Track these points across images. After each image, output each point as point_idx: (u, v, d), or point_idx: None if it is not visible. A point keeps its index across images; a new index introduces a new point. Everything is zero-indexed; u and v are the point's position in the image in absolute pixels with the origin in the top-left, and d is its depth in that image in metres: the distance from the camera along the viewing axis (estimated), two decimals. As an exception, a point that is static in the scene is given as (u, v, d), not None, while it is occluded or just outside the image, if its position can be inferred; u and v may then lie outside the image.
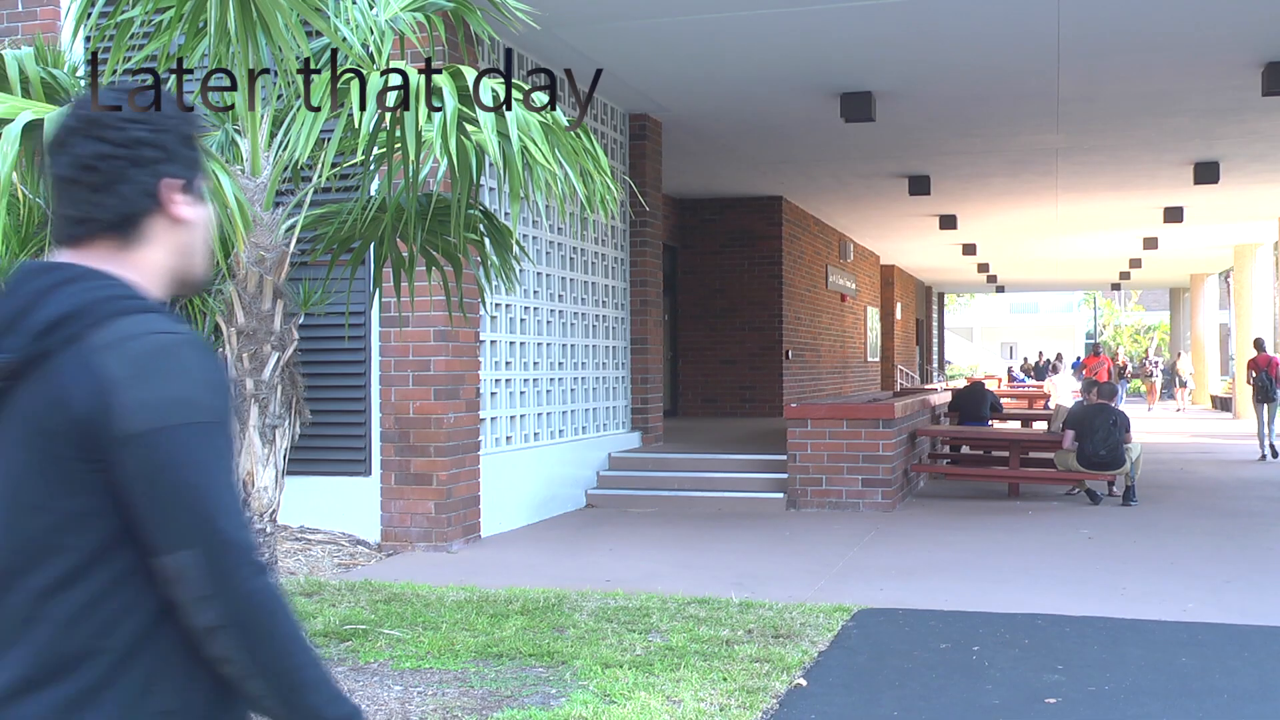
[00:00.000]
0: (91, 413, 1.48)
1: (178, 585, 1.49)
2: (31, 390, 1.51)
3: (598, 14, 9.42)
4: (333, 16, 4.86)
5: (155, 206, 1.62)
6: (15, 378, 1.51)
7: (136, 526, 1.50)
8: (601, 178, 4.55)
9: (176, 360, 1.53)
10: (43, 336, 1.51)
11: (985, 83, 11.60)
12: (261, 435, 4.79)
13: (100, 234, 1.61)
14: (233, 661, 1.51)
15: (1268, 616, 6.48)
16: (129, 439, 1.48)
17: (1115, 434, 11.32)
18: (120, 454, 1.48)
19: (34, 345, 1.51)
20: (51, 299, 1.53)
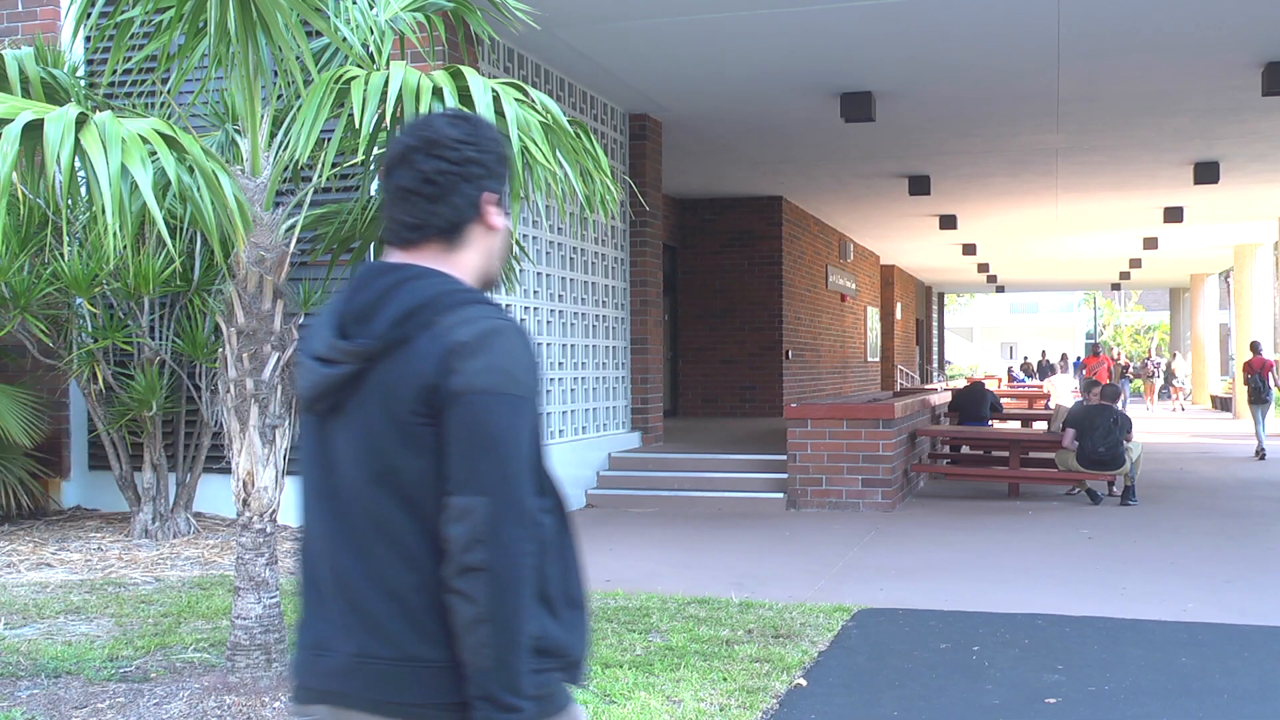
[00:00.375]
0: (436, 377, 1.75)
1: (458, 523, 1.72)
2: (391, 368, 1.78)
3: (598, 14, 9.42)
4: (333, 16, 4.86)
5: (476, 216, 1.91)
6: (374, 359, 1.79)
7: (444, 467, 1.75)
8: (601, 178, 4.56)
9: (506, 341, 1.79)
10: (401, 324, 1.79)
11: (985, 83, 11.60)
12: (261, 435, 4.79)
13: (432, 238, 1.89)
14: (475, 603, 1.70)
15: (1268, 616, 6.48)
16: (458, 396, 1.74)
17: (1116, 433, 11.33)
18: (449, 407, 1.74)
19: (393, 331, 1.79)
20: (403, 292, 1.82)
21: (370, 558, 1.79)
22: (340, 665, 1.80)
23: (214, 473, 9.01)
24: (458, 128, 1.90)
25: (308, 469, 1.90)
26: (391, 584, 1.77)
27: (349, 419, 1.83)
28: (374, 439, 1.79)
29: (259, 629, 4.75)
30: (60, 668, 5.23)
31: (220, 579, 7.31)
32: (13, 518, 9.02)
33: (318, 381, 1.85)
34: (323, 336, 1.86)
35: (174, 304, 8.58)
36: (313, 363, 1.87)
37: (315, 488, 1.88)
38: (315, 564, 1.88)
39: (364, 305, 1.84)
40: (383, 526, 1.78)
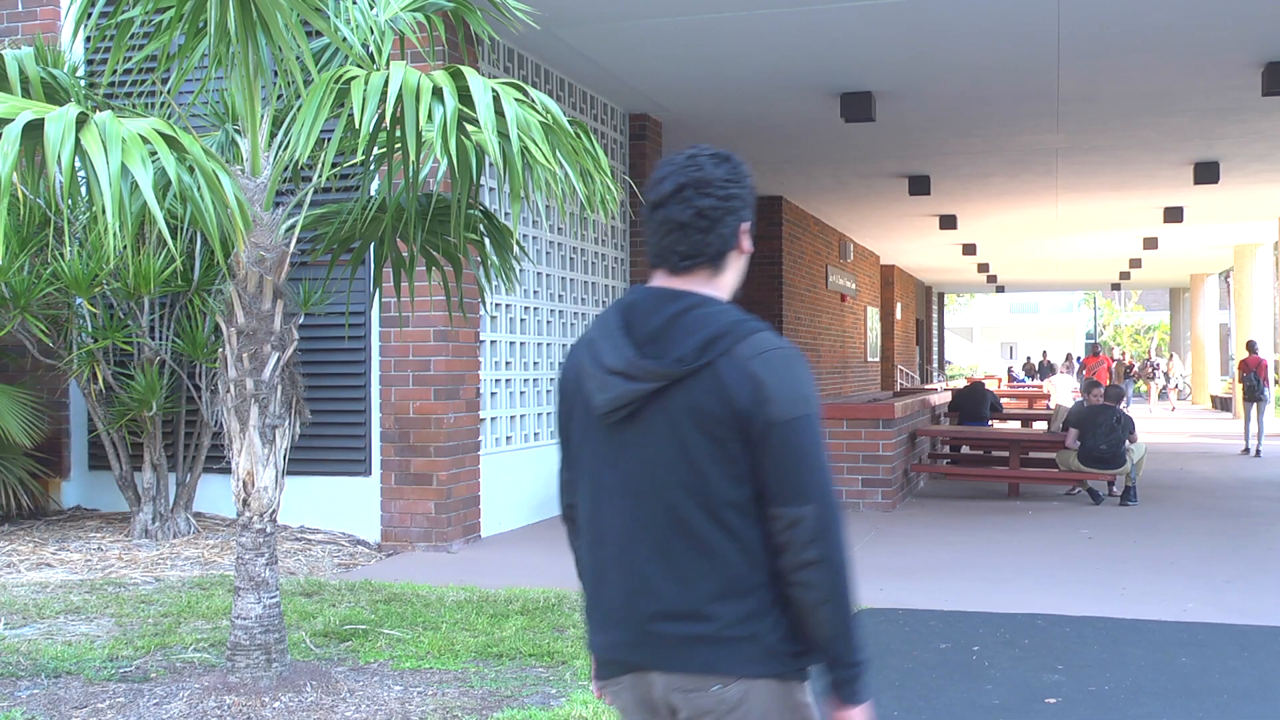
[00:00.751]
0: (750, 405, 2.04)
1: (791, 529, 2.04)
2: (697, 389, 2.06)
3: (598, 14, 9.42)
4: (333, 16, 4.86)
5: (735, 243, 2.19)
6: (679, 380, 2.07)
7: (764, 485, 2.06)
8: (601, 178, 4.56)
9: (796, 368, 2.09)
10: (705, 350, 2.05)
11: (985, 83, 11.60)
12: (261, 435, 4.79)
13: (703, 265, 2.16)
14: (817, 589, 2.06)
15: (1268, 616, 6.48)
16: (776, 424, 2.03)
17: (1118, 431, 11.33)
18: (768, 434, 2.03)
19: (699, 357, 2.06)
20: (694, 320, 2.10)
21: (666, 550, 2.09)
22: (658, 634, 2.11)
23: (214, 473, 9.01)
24: (721, 167, 2.21)
25: (596, 468, 2.18)
26: (683, 573, 2.08)
27: (646, 428, 2.11)
28: (686, 450, 2.07)
29: (259, 629, 4.75)
30: (60, 668, 5.23)
31: (220, 579, 7.31)
32: (13, 518, 9.02)
33: (620, 394, 2.11)
34: (617, 352, 2.12)
35: (174, 304, 8.58)
36: (610, 377, 2.12)
37: (607, 485, 2.16)
38: (604, 550, 2.18)
39: (656, 329, 2.12)
40: (683, 524, 2.08)
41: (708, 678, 2.08)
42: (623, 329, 2.15)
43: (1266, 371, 17.62)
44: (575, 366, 2.23)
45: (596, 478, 2.18)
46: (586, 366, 2.18)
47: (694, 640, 2.08)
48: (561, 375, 2.28)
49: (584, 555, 2.28)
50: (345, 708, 4.65)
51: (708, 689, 2.08)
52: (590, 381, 2.17)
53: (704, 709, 2.09)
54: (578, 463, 2.25)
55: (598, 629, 2.23)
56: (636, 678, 2.15)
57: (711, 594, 2.07)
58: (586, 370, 2.18)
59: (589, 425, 2.19)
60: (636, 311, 2.15)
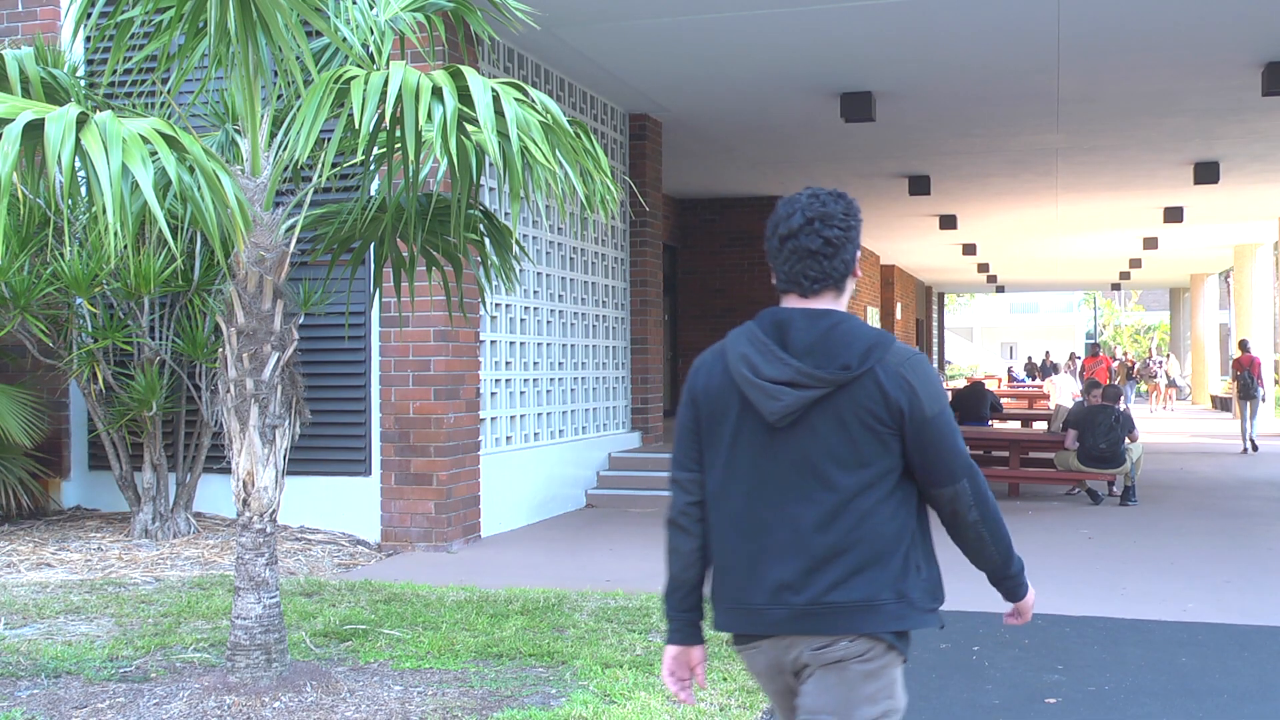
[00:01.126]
0: (904, 404, 2.44)
1: (954, 502, 2.53)
2: (860, 392, 2.44)
3: (598, 14, 9.42)
4: (333, 16, 4.86)
5: (853, 268, 2.57)
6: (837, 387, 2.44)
7: (921, 470, 2.50)
8: (601, 178, 4.55)
9: (931, 370, 2.53)
10: (864, 359, 2.44)
11: (985, 83, 11.60)
12: (261, 435, 4.79)
13: (829, 288, 2.54)
14: (984, 539, 2.57)
15: (1268, 616, 6.48)
16: (928, 419, 2.46)
17: (1117, 431, 11.33)
18: (922, 427, 2.46)
19: (861, 365, 2.44)
20: (844, 334, 2.48)
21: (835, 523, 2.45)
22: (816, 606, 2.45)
23: (214, 473, 9.01)
24: (840, 204, 2.56)
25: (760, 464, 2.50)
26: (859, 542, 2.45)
27: (811, 426, 2.46)
28: (852, 442, 2.45)
29: (259, 629, 4.75)
30: (60, 668, 5.23)
31: (220, 579, 7.31)
32: (13, 518, 9.02)
33: (792, 402, 2.45)
34: (780, 365, 2.46)
35: (174, 304, 8.58)
36: (778, 387, 2.45)
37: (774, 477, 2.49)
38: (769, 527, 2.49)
39: (812, 342, 2.47)
40: (844, 499, 2.45)
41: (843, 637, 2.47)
42: (778, 344, 2.49)
43: (1260, 369, 18.09)
44: (720, 378, 2.56)
45: (760, 472, 2.51)
46: (746, 378, 2.50)
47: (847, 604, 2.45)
48: (700, 385, 2.60)
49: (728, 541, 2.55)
50: (345, 708, 4.65)
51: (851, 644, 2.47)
52: (754, 392, 2.48)
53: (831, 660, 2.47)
54: (729, 462, 2.55)
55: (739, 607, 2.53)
56: (775, 643, 2.51)
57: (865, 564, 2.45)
58: (747, 381, 2.49)
59: (745, 428, 2.52)
60: (789, 329, 2.50)
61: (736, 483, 2.53)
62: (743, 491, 2.52)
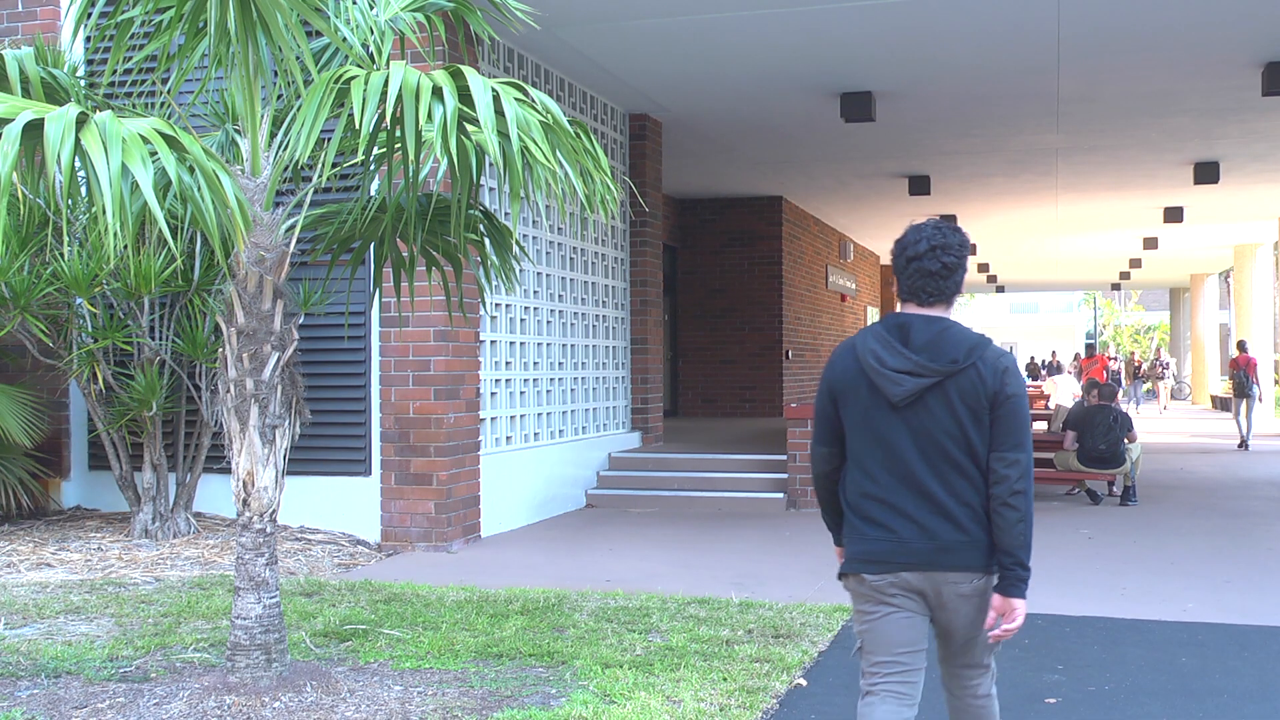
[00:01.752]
0: (996, 388, 3.13)
1: (1011, 467, 3.11)
2: (965, 381, 3.13)
3: (598, 14, 9.42)
4: (333, 16, 4.86)
5: (960, 288, 3.26)
6: (952, 375, 3.13)
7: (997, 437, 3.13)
8: (601, 178, 4.55)
9: (1015, 363, 3.20)
10: (969, 355, 3.14)
11: (985, 83, 11.60)
12: (261, 435, 4.79)
13: (942, 301, 3.24)
14: (1019, 510, 3.09)
15: (1268, 616, 6.48)
16: (1010, 396, 3.14)
17: (1116, 431, 11.32)
18: (1006, 402, 3.13)
19: (967, 359, 3.14)
20: (953, 336, 3.18)
21: (949, 483, 3.14)
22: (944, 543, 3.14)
23: (214, 473, 9.01)
24: (956, 236, 3.26)
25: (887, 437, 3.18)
26: (964, 498, 3.14)
27: (925, 407, 3.15)
28: (958, 420, 3.14)
29: (259, 629, 4.75)
30: (60, 668, 5.23)
31: (220, 579, 7.31)
32: (13, 518, 9.03)
33: (912, 387, 3.14)
34: (902, 358, 3.16)
35: (174, 304, 8.58)
36: (901, 375, 3.15)
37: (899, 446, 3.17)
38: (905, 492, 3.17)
39: (928, 341, 3.17)
40: (956, 466, 3.14)
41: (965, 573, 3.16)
42: (900, 342, 3.19)
43: (1256, 369, 18.76)
44: (852, 368, 3.25)
45: (887, 443, 3.20)
46: (873, 368, 3.19)
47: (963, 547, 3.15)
48: (835, 375, 3.29)
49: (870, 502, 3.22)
50: (345, 708, 4.65)
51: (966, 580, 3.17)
52: (881, 379, 3.18)
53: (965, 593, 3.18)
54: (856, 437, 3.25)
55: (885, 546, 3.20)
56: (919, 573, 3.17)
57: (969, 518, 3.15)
58: (874, 370, 3.19)
59: (873, 408, 3.21)
60: (910, 330, 3.19)
61: (872, 449, 3.23)
62: (878, 456, 3.22)
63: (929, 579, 3.18)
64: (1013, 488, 3.09)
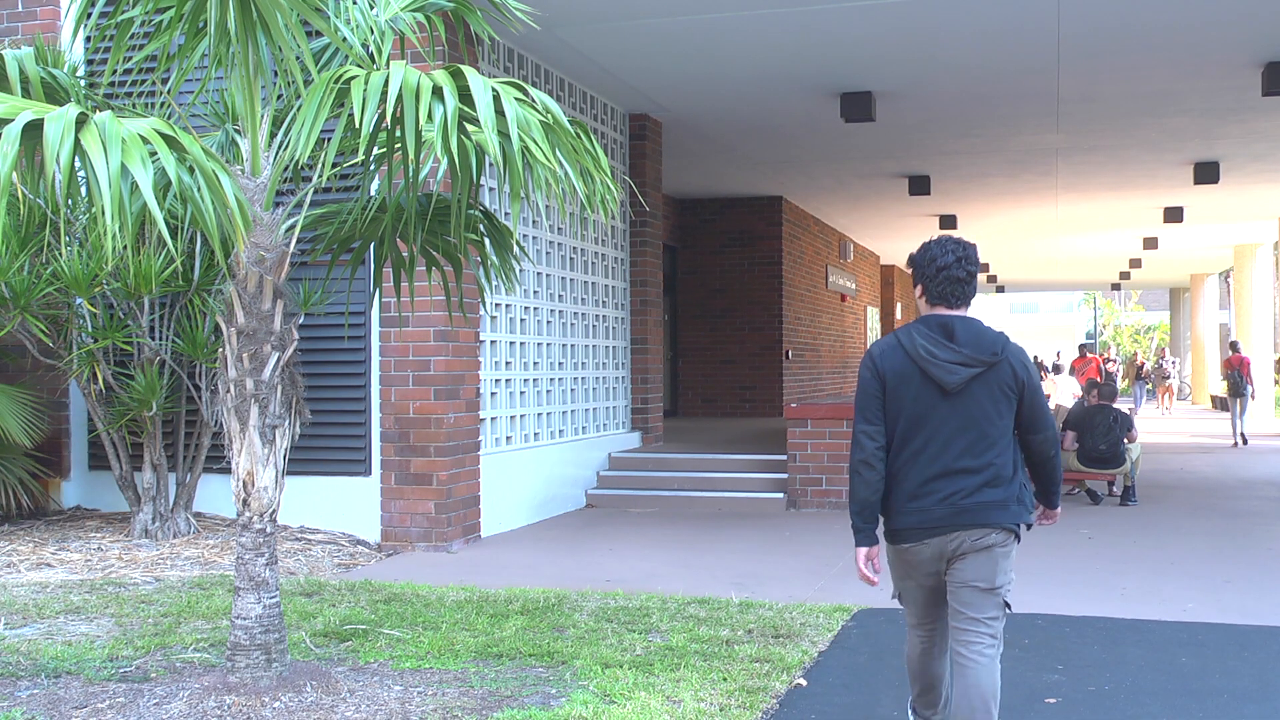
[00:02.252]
0: (1020, 378, 3.82)
1: (1043, 444, 3.90)
2: (998, 371, 3.79)
3: (598, 14, 9.42)
4: (333, 16, 4.86)
5: (976, 292, 3.88)
6: (989, 366, 3.78)
7: (1027, 420, 3.87)
8: (601, 177, 4.55)
9: (1028, 356, 3.88)
10: (1002, 350, 3.80)
11: (985, 83, 11.60)
12: (261, 435, 4.79)
13: (966, 303, 3.88)
14: (1056, 468, 3.96)
15: (1268, 616, 6.48)
16: (1033, 387, 3.84)
17: (1116, 431, 11.32)
18: (1031, 392, 3.84)
19: (1002, 353, 3.80)
20: (989, 334, 3.83)
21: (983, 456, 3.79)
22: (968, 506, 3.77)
23: (214, 473, 9.01)
24: (972, 250, 3.92)
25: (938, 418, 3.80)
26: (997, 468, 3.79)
27: (970, 393, 3.79)
28: (995, 402, 3.81)
29: (259, 629, 4.75)
30: (60, 668, 5.23)
31: (220, 579, 7.31)
32: (13, 518, 9.03)
33: (964, 376, 3.78)
34: (953, 352, 3.78)
35: (174, 304, 8.58)
36: (954, 365, 3.77)
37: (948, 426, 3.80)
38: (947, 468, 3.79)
39: (970, 338, 3.81)
40: (990, 440, 3.79)
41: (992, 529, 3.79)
42: (946, 338, 3.81)
43: (1249, 369, 19.60)
44: (901, 360, 3.85)
45: (937, 423, 3.81)
46: (926, 359, 3.79)
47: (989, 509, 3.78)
48: (886, 366, 3.86)
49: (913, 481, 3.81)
50: (345, 708, 4.65)
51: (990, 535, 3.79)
52: (935, 370, 3.79)
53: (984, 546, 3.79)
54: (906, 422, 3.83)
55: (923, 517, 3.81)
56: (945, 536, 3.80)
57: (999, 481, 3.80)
58: (929, 361, 3.79)
59: (925, 395, 3.82)
60: (953, 329, 3.82)
61: (921, 429, 3.82)
62: (926, 434, 3.81)
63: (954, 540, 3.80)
64: (1048, 454, 3.96)
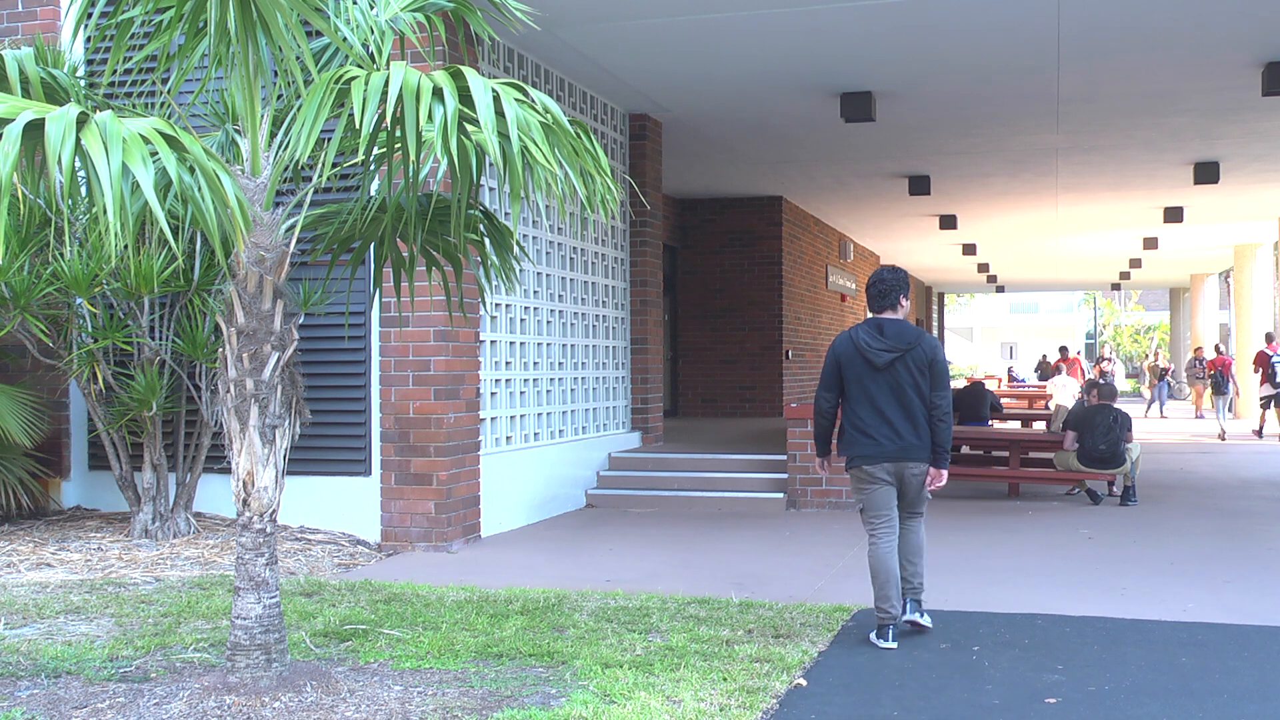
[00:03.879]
0: (928, 356, 5.88)
1: (941, 403, 5.88)
2: (916, 354, 5.86)
3: (598, 14, 9.42)
4: (333, 16, 4.86)
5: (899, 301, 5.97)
6: (906, 351, 5.85)
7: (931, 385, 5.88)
8: (602, 178, 4.55)
9: (938, 341, 6.16)
10: (916, 340, 5.88)
11: (985, 83, 11.60)
12: (261, 435, 4.79)
13: (890, 308, 5.97)
14: (946, 425, 5.89)
15: (1268, 616, 6.48)
16: (937, 361, 5.91)
17: (1116, 431, 11.32)
18: (936, 366, 5.89)
19: (915, 343, 5.87)
20: (909, 329, 5.90)
21: (908, 416, 5.83)
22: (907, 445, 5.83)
23: (214, 473, 9.01)
24: (888, 273, 5.97)
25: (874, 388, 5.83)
26: (918, 422, 5.84)
27: (895, 370, 5.81)
28: (913, 377, 5.81)
29: (259, 629, 4.75)
30: (60, 668, 5.23)
31: (220, 579, 7.31)
32: (13, 518, 9.03)
33: (891, 358, 5.79)
34: (882, 342, 5.82)
35: (174, 304, 8.58)
36: (884, 351, 5.80)
37: (883, 394, 5.82)
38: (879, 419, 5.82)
39: (894, 333, 5.84)
40: (914, 405, 5.82)
41: (920, 463, 5.86)
42: (879, 333, 5.83)
43: (1230, 369, 21.84)
44: (851, 349, 5.89)
45: (875, 392, 5.82)
46: (864, 347, 5.82)
47: (918, 447, 5.82)
48: (841, 351, 5.92)
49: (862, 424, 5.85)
50: (345, 708, 4.65)
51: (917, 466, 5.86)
52: (870, 353, 5.79)
53: (916, 478, 5.89)
54: (857, 389, 5.87)
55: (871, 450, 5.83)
56: (894, 464, 5.84)
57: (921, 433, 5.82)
58: (867, 348, 5.80)
59: (865, 372, 5.83)
60: (883, 327, 5.85)
61: (864, 396, 5.88)
62: (869, 400, 5.86)
63: (897, 466, 5.88)
64: (944, 412, 5.86)
